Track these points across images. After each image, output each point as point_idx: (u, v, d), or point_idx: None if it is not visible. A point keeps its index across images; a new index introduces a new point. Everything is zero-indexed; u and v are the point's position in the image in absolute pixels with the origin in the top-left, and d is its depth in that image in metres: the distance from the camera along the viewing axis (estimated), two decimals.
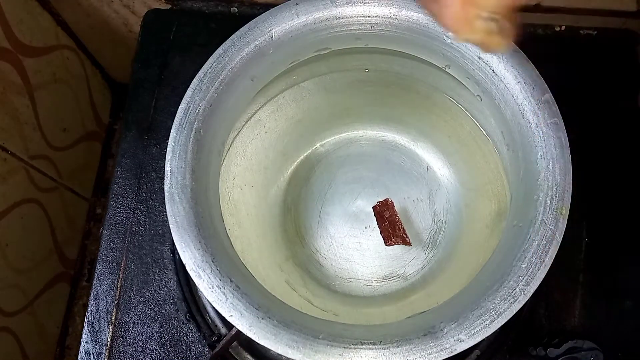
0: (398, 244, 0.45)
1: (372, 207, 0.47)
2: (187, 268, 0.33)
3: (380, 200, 0.47)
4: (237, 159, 0.45)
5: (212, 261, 0.33)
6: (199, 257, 0.33)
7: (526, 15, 0.55)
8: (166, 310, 0.48)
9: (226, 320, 0.32)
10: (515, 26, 0.28)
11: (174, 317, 0.48)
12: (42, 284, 0.68)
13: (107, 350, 0.47)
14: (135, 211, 0.50)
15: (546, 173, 0.34)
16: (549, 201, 0.33)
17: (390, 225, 0.45)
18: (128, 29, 0.69)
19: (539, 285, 0.32)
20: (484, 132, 0.43)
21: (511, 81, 0.36)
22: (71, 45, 0.69)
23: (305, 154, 0.53)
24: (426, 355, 0.31)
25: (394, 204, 0.46)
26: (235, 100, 0.39)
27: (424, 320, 0.33)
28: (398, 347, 0.31)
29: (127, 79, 0.56)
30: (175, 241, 0.34)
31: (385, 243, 0.46)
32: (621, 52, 0.54)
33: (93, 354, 0.47)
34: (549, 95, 0.35)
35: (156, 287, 0.48)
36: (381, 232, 0.46)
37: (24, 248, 0.63)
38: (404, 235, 0.45)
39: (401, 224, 0.45)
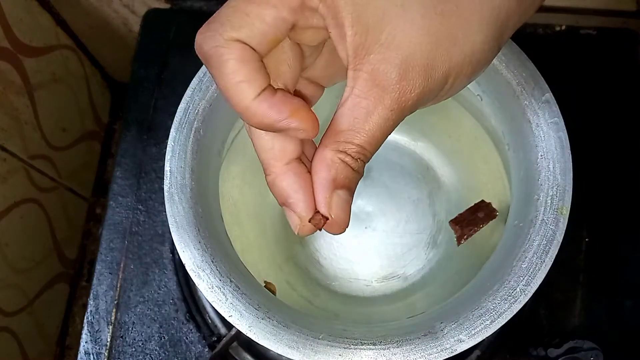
0: (455, 233, 0.44)
1: (482, 200, 0.44)
2: (187, 268, 0.33)
3: (493, 205, 0.44)
4: (237, 159, 0.45)
5: (212, 261, 0.33)
6: (199, 257, 0.33)
7: None
8: (166, 310, 0.48)
9: (226, 320, 0.32)
10: None
11: (174, 318, 0.48)
12: (42, 284, 0.68)
13: (107, 351, 0.47)
14: (135, 211, 0.50)
15: (546, 173, 0.34)
16: (549, 201, 0.33)
17: (470, 221, 0.44)
18: (128, 29, 0.69)
19: (539, 285, 0.32)
20: (485, 132, 0.43)
21: (511, 81, 0.35)
22: (71, 45, 0.69)
23: None
24: (426, 356, 0.31)
25: (491, 219, 0.44)
26: None
27: (424, 320, 0.33)
28: (398, 347, 0.31)
29: (126, 79, 0.55)
30: (174, 241, 0.34)
31: (451, 220, 0.45)
32: (621, 52, 0.54)
33: (93, 354, 0.47)
34: (549, 95, 0.35)
35: (156, 287, 0.48)
36: (460, 214, 0.45)
37: (24, 248, 0.63)
38: (464, 237, 0.44)
39: (476, 232, 0.44)
